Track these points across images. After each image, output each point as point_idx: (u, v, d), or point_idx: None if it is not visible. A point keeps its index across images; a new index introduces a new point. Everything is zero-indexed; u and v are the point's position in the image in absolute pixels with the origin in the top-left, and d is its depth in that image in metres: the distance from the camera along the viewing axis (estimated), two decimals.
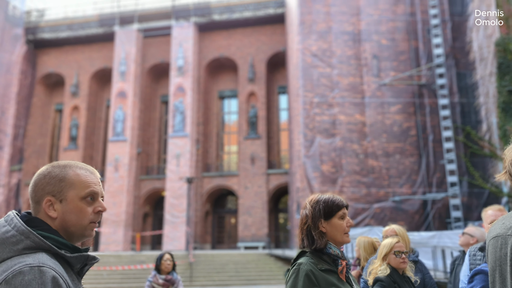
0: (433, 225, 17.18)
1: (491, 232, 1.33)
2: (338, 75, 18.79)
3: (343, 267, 1.91)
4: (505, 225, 1.27)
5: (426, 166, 17.94)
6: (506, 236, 1.23)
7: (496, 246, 1.26)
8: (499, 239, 1.26)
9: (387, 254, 3.11)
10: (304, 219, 2.00)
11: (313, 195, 2.06)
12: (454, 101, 18.55)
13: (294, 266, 1.89)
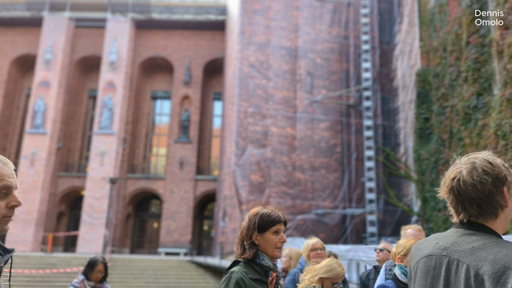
0: (350, 239, 18.07)
1: (422, 250, 1.38)
2: (273, 88, 19.21)
3: (273, 278, 1.96)
4: (439, 245, 1.32)
5: (348, 182, 18.88)
6: (441, 256, 1.29)
7: (429, 265, 1.32)
8: (433, 258, 1.31)
9: (328, 278, 3.08)
10: (242, 229, 2.06)
11: (256, 208, 2.11)
12: (377, 123, 19.79)
13: (227, 274, 1.92)
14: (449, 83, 15.21)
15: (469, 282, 1.17)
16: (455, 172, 1.36)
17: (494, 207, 1.28)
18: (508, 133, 11.51)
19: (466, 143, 13.76)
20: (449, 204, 1.37)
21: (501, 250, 1.17)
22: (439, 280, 1.27)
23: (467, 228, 1.31)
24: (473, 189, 1.28)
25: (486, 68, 13.23)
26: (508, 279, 1.10)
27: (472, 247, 1.23)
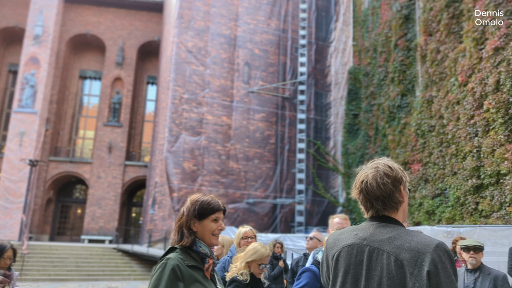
0: (279, 227, 18.59)
1: (342, 241, 1.56)
2: (211, 76, 19.03)
3: (209, 265, 1.96)
4: (359, 236, 1.52)
5: (280, 173, 19.35)
6: (363, 245, 1.48)
7: (351, 253, 1.50)
8: (355, 247, 1.50)
9: (253, 261, 3.15)
10: (180, 216, 2.02)
11: (196, 195, 2.09)
12: (310, 117, 20.43)
13: (162, 261, 1.88)
14: (378, 82, 16.10)
15: (390, 266, 1.38)
16: (363, 176, 1.58)
17: (394, 202, 1.53)
18: (426, 132, 12.47)
19: (389, 140, 14.70)
20: (360, 202, 1.60)
21: (413, 239, 1.40)
22: (361, 266, 1.45)
23: (380, 221, 1.53)
24: (378, 189, 1.52)
25: (411, 70, 14.18)
26: (424, 262, 1.33)
27: (389, 237, 1.45)
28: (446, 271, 1.33)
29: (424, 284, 1.31)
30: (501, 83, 9.36)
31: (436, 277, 1.32)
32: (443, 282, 1.32)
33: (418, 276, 1.33)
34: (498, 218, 9.14)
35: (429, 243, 1.38)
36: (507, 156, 9.01)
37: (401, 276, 1.36)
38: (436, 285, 1.31)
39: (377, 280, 1.40)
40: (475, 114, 10.25)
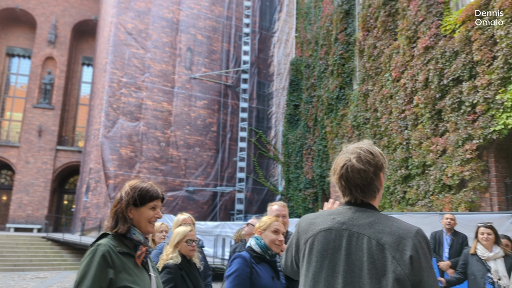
0: (219, 215, 18.63)
1: (320, 225, 1.51)
2: (151, 60, 18.43)
3: (142, 252, 1.92)
4: (337, 220, 1.48)
5: (221, 161, 19.32)
6: (341, 230, 1.45)
7: (329, 238, 1.46)
8: (333, 231, 1.46)
9: (180, 241, 3.19)
10: (117, 202, 1.97)
11: (134, 181, 2.05)
12: (252, 106, 20.54)
13: (93, 247, 1.83)
14: (318, 74, 16.51)
15: (371, 250, 1.36)
16: (344, 161, 1.52)
17: (373, 190, 1.51)
18: (362, 125, 13.03)
19: (327, 131, 15.19)
20: (338, 187, 1.55)
21: (393, 224, 1.41)
22: (340, 250, 1.42)
23: (358, 206, 1.50)
24: (359, 178, 1.48)
25: (349, 64, 14.70)
26: (405, 246, 1.34)
27: (369, 222, 1.43)
28: (426, 257, 1.36)
29: (407, 268, 1.32)
30: (430, 80, 9.99)
31: (418, 262, 1.33)
32: (424, 267, 1.34)
33: (400, 260, 1.33)
34: (422, 206, 9.82)
35: (409, 228, 1.40)
36: (432, 148, 9.68)
37: (383, 260, 1.35)
38: (418, 270, 1.33)
39: (358, 265, 1.37)
40: (406, 109, 10.86)
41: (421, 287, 1.33)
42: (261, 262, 2.43)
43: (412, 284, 1.32)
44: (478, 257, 4.18)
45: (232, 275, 2.32)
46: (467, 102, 8.86)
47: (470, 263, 4.23)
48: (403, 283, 1.31)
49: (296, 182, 17.27)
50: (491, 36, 8.52)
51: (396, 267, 1.32)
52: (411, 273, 1.32)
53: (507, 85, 8.08)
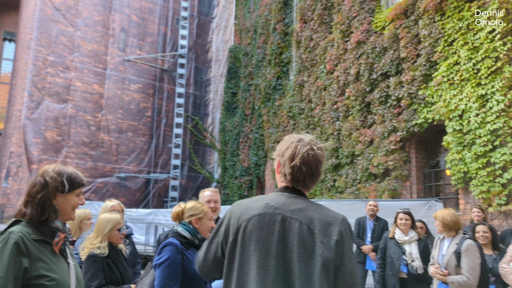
0: (152, 203, 18.24)
1: (254, 210, 1.55)
2: (81, 38, 17.39)
3: (60, 239, 1.83)
4: (271, 205, 1.54)
5: (155, 147, 18.85)
6: (275, 214, 1.51)
7: (263, 221, 1.51)
8: (267, 216, 1.52)
9: (112, 230, 3.07)
10: (40, 188, 1.84)
11: (54, 165, 1.97)
12: (189, 92, 20.20)
13: (4, 235, 1.71)
14: (256, 63, 16.60)
15: (302, 234, 1.45)
16: (307, 149, 1.59)
17: (316, 181, 1.64)
18: (297, 115, 13.35)
19: (264, 120, 15.38)
20: (290, 171, 1.58)
21: (322, 211, 1.51)
22: (273, 234, 1.48)
23: (291, 192, 1.58)
24: (316, 167, 1.60)
25: (286, 54, 14.93)
26: (332, 232, 1.44)
27: (301, 208, 1.51)
28: (349, 242, 1.48)
29: (332, 251, 1.42)
30: (361, 74, 10.45)
31: (341, 246, 1.44)
32: (346, 252, 1.45)
33: (327, 244, 1.42)
34: (350, 193, 10.34)
35: (337, 216, 1.51)
36: (361, 139, 10.18)
37: (312, 244, 1.43)
38: (340, 254, 1.43)
39: (290, 248, 1.44)
40: (338, 100, 11.29)
41: (341, 269, 1.43)
42: (190, 248, 2.42)
43: (334, 266, 1.42)
44: (395, 240, 4.49)
45: (164, 263, 2.27)
46: (393, 96, 9.40)
47: (388, 246, 4.54)
48: (328, 265, 1.41)
49: (232, 170, 17.35)
50: (416, 35, 9.07)
51: (323, 251, 1.42)
52: (335, 257, 1.42)
53: (428, 82, 8.68)
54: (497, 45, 7.21)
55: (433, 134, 9.22)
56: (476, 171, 7.41)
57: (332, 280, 1.41)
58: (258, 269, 1.44)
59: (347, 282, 1.42)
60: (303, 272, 1.40)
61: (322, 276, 1.38)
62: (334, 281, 1.42)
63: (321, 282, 1.38)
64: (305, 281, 1.38)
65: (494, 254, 4.02)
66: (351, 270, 1.45)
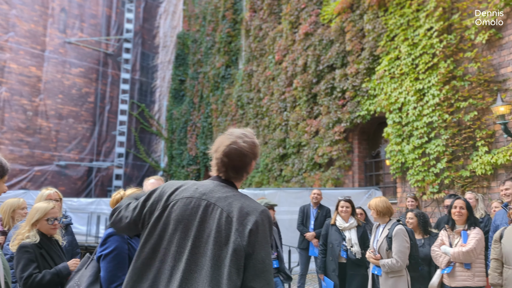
0: (94, 192, 17.58)
1: (183, 192, 1.64)
2: (17, 17, 16.21)
3: None
4: (199, 191, 1.63)
5: (98, 135, 18.12)
6: (201, 199, 1.60)
7: (188, 204, 1.60)
8: (193, 200, 1.60)
9: (39, 219, 2.93)
10: None
11: None
12: (135, 78, 19.56)
13: None
14: (205, 50, 16.38)
15: (221, 221, 1.53)
16: (231, 141, 1.67)
17: (243, 173, 1.71)
18: (245, 104, 13.38)
19: (212, 109, 15.26)
20: (216, 162, 1.68)
21: (245, 202, 1.59)
22: (195, 217, 1.56)
23: (222, 181, 1.68)
24: (239, 160, 1.66)
25: (236, 43, 14.87)
26: (248, 221, 1.52)
27: (226, 196, 1.60)
28: (264, 232, 1.55)
29: (245, 239, 1.50)
30: (308, 65, 10.65)
31: (255, 236, 1.52)
32: (259, 241, 1.52)
33: (241, 232, 1.51)
34: (296, 182, 10.58)
35: (257, 207, 1.59)
36: (307, 129, 10.42)
37: (228, 230, 1.52)
38: (253, 243, 1.51)
39: (207, 232, 1.53)
40: (286, 91, 11.44)
41: (252, 257, 1.50)
42: (133, 237, 2.35)
43: (246, 254, 1.50)
44: (336, 227, 4.67)
45: (110, 254, 2.19)
46: (338, 88, 9.68)
47: (329, 233, 4.72)
48: (239, 252, 1.49)
49: (179, 159, 17.10)
50: (361, 29, 9.37)
51: (237, 238, 1.50)
52: (247, 245, 1.50)
53: (371, 75, 9.02)
54: (434, 42, 7.62)
55: (375, 125, 9.63)
56: (413, 162, 7.85)
57: (242, 266, 1.49)
58: (176, 247, 1.53)
59: (258, 269, 1.50)
60: (215, 256, 1.49)
61: (232, 261, 1.47)
62: (245, 267, 1.50)
63: (230, 267, 1.46)
64: (215, 264, 1.48)
65: (423, 239, 4.31)
66: (262, 258, 1.52)
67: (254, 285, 1.49)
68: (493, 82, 6.91)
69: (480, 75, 7.00)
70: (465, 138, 7.09)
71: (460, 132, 7.19)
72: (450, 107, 7.36)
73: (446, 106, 7.39)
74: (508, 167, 6.53)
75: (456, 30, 7.44)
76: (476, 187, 6.88)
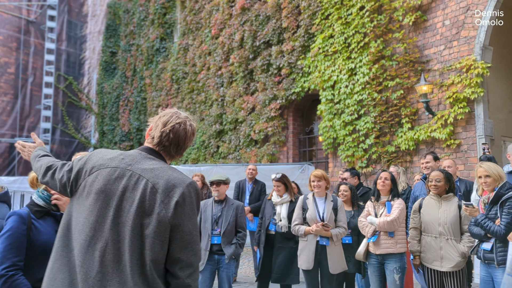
0: (18, 169, 16.42)
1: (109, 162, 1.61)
2: None
3: None
4: (125, 161, 1.61)
5: (21, 109, 16.80)
6: (126, 170, 1.58)
7: (112, 174, 1.57)
8: (118, 170, 1.58)
9: None
10: None
11: None
12: (61, 48, 18.24)
13: None
14: (138, 22, 15.62)
15: (145, 191, 1.51)
16: (180, 121, 1.68)
17: (180, 154, 1.73)
18: (181, 79, 13.05)
19: (146, 83, 14.71)
20: (159, 135, 1.66)
21: (172, 174, 1.58)
22: (118, 187, 1.54)
23: (150, 153, 1.66)
24: (183, 140, 1.68)
25: (171, 15, 14.32)
26: (175, 193, 1.52)
27: (153, 168, 1.58)
28: (191, 205, 1.56)
29: (170, 212, 1.49)
30: (245, 40, 10.56)
31: (181, 208, 1.51)
32: (186, 213, 1.53)
33: (167, 204, 1.50)
34: (232, 159, 10.61)
35: (184, 179, 1.59)
36: (244, 106, 10.42)
37: (152, 201, 1.50)
38: (180, 215, 1.51)
39: (130, 202, 1.51)
40: (222, 66, 11.30)
41: (179, 229, 1.51)
42: (44, 217, 2.20)
43: (171, 226, 1.50)
44: (271, 201, 4.79)
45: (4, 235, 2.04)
46: (274, 65, 9.73)
47: (265, 207, 4.83)
48: (164, 224, 1.48)
49: (111, 135, 16.39)
50: (297, 6, 9.42)
51: (161, 210, 1.49)
52: (172, 217, 1.50)
53: (306, 53, 9.16)
54: (366, 21, 7.88)
55: (309, 102, 9.86)
56: (344, 138, 8.18)
57: (166, 238, 1.49)
58: (97, 217, 1.50)
59: (185, 240, 1.52)
60: (137, 226, 1.47)
61: (155, 233, 1.47)
62: (172, 239, 1.50)
63: (154, 238, 1.46)
64: (138, 235, 1.47)
65: (353, 210, 4.54)
66: (189, 230, 1.53)
67: (181, 256, 1.51)
68: (417, 63, 7.32)
69: (406, 55, 7.37)
70: (392, 116, 7.50)
71: (387, 109, 7.58)
72: (378, 86, 7.71)
73: (375, 85, 7.73)
74: (428, 143, 7.03)
75: (386, 11, 7.73)
76: (400, 162, 7.34)
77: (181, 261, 1.51)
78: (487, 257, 3.30)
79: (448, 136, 6.67)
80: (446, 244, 3.62)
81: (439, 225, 3.67)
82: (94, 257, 1.46)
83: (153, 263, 1.46)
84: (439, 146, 6.88)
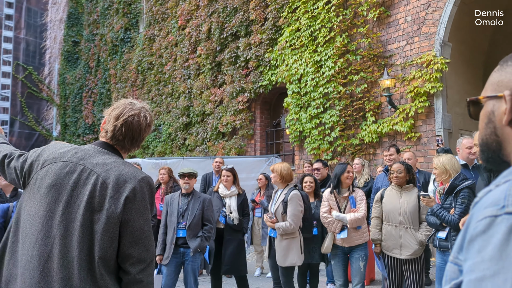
0: None
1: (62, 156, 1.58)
2: None
3: None
4: (78, 156, 1.57)
5: None
6: (77, 164, 1.55)
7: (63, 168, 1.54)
8: (70, 164, 1.55)
9: None
10: None
11: None
12: (19, 36, 17.46)
13: None
14: (102, 11, 15.17)
15: (95, 186, 1.49)
16: (135, 112, 1.64)
17: (136, 146, 1.70)
18: (147, 70, 12.80)
19: (111, 74, 14.33)
20: (113, 129, 1.63)
21: (125, 169, 1.56)
22: (68, 182, 1.52)
23: (104, 148, 1.62)
24: (138, 132, 1.65)
25: (136, 5, 13.99)
26: (125, 189, 1.49)
27: (105, 163, 1.55)
28: (143, 200, 1.54)
29: (119, 207, 1.47)
30: (212, 32, 10.47)
31: (132, 203, 1.49)
32: (137, 209, 1.51)
33: (116, 200, 1.48)
34: (200, 152, 10.55)
35: (136, 174, 1.55)
36: (211, 98, 10.35)
37: (102, 197, 1.48)
38: (130, 210, 1.49)
39: (80, 197, 1.48)
40: (189, 58, 11.16)
41: (129, 225, 1.49)
42: None
43: (121, 222, 1.48)
44: (218, 194, 4.83)
45: None
46: (242, 58, 9.71)
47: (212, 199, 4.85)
48: (113, 220, 1.47)
49: (74, 127, 15.91)
50: None
51: (111, 206, 1.47)
52: (122, 212, 1.48)
53: (274, 46, 9.19)
54: (332, 15, 7.98)
55: (276, 95, 9.91)
56: (310, 131, 8.29)
57: (116, 234, 1.48)
58: (46, 211, 1.49)
59: (136, 236, 1.50)
60: (86, 221, 1.46)
61: (104, 229, 1.45)
62: (122, 234, 1.49)
63: (103, 234, 1.45)
64: (87, 230, 1.45)
65: (315, 201, 4.63)
66: (141, 225, 1.52)
67: (132, 252, 1.49)
68: (381, 57, 7.49)
69: (370, 50, 7.53)
70: (356, 109, 7.66)
71: (352, 103, 7.74)
72: (344, 79, 7.85)
73: (340, 78, 7.87)
74: (391, 136, 7.23)
75: (351, 5, 7.85)
76: (364, 154, 7.53)
77: (131, 257, 1.50)
78: (443, 245, 3.45)
79: (409, 129, 6.89)
80: (405, 233, 3.76)
81: (399, 215, 3.80)
82: (42, 252, 1.44)
83: (101, 259, 1.45)
84: (400, 139, 7.10)
